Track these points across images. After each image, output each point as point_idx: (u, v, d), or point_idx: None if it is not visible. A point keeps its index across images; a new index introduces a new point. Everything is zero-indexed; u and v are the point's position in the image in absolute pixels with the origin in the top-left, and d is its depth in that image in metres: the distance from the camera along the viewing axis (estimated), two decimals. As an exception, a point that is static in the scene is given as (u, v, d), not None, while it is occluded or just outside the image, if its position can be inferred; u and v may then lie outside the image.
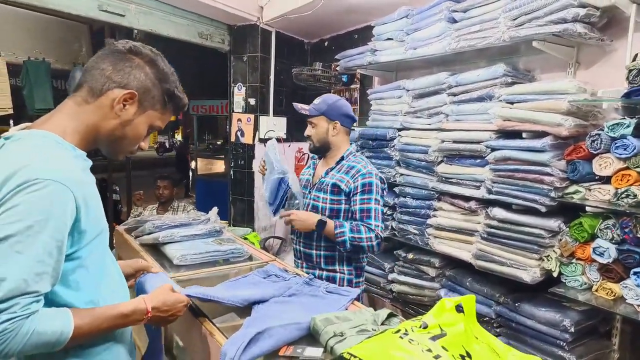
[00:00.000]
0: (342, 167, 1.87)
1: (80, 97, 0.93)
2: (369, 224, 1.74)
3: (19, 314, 0.75)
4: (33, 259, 0.77)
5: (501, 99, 2.03)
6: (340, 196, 1.82)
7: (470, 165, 2.17)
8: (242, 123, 3.78)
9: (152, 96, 0.98)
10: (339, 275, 1.86)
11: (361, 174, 1.80)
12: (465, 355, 0.89)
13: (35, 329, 0.77)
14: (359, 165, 1.83)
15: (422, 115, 2.47)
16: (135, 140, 1.00)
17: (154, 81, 0.97)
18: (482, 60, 2.38)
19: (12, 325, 0.74)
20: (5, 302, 0.74)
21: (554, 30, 1.81)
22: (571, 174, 1.83)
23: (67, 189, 0.81)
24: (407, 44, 2.50)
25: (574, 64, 2.07)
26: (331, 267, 1.87)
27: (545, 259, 1.90)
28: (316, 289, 1.54)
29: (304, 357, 1.11)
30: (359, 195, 1.78)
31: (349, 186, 1.80)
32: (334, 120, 1.86)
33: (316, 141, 1.89)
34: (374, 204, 1.77)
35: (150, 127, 1.01)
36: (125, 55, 0.95)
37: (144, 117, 0.98)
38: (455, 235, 2.26)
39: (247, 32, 3.65)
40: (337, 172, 1.86)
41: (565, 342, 1.80)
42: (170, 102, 1.02)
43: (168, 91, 1.00)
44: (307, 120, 1.92)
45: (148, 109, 0.98)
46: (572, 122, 1.79)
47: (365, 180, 1.78)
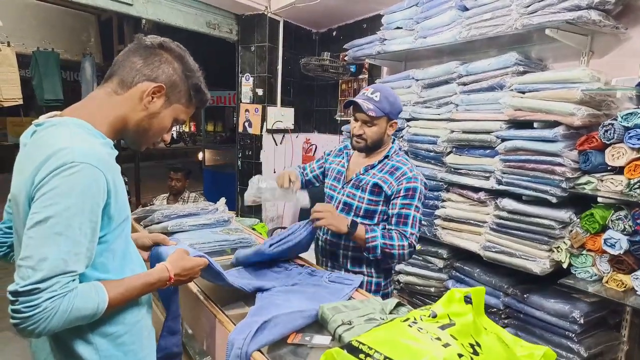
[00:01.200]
0: (384, 166, 1.71)
1: (111, 88, 0.97)
2: (404, 231, 1.62)
3: (59, 292, 0.79)
4: (71, 239, 0.81)
5: (512, 88, 2.00)
6: (380, 197, 1.68)
7: (480, 155, 2.15)
8: (250, 114, 3.77)
9: (179, 90, 1.02)
10: (366, 278, 1.71)
11: (407, 177, 1.65)
12: (475, 344, 0.88)
13: (74, 306, 0.81)
14: (405, 167, 1.68)
15: (432, 105, 2.45)
16: (160, 132, 1.04)
17: (182, 76, 1.01)
18: (493, 49, 2.35)
19: (52, 303, 0.78)
20: (47, 281, 0.77)
21: (567, 18, 1.77)
22: (583, 164, 1.80)
23: (101, 172, 0.85)
24: (416, 32, 2.47)
25: (587, 52, 2.03)
26: (358, 269, 1.73)
27: (555, 250, 1.89)
28: (319, 278, 1.54)
29: (312, 344, 1.11)
30: (400, 200, 1.64)
31: (392, 189, 1.65)
32: (394, 119, 1.70)
33: (371, 142, 1.69)
34: (413, 210, 1.63)
35: (175, 120, 1.06)
36: (155, 50, 0.99)
37: (170, 110, 1.02)
38: (463, 226, 2.25)
39: (255, 21, 3.63)
40: (379, 172, 1.70)
41: (574, 333, 1.79)
42: (196, 96, 1.06)
43: (195, 86, 1.04)
44: (358, 118, 1.68)
45: (174, 103, 1.02)
46: (585, 112, 1.76)
47: (410, 185, 1.64)
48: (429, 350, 0.81)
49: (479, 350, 0.86)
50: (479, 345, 0.88)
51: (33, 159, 0.85)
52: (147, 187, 5.73)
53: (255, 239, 1.87)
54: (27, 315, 0.76)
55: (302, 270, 1.59)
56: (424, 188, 1.67)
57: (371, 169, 1.72)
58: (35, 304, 0.76)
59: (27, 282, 0.76)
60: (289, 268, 1.61)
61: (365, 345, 0.84)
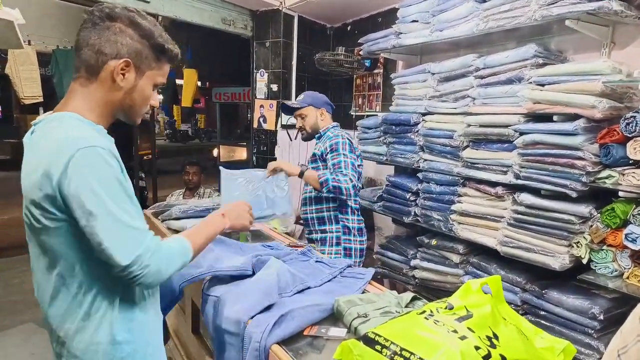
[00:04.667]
0: (322, 139, 2.30)
1: (82, 77, 0.98)
2: (340, 171, 2.08)
3: (152, 249, 0.93)
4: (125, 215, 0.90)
5: (531, 80, 1.96)
6: (317, 163, 2.25)
7: (497, 149, 2.12)
8: (265, 109, 3.79)
9: (145, 57, 1.00)
10: (328, 235, 2.27)
11: (329, 137, 2.22)
12: (492, 336, 0.88)
13: (167, 253, 0.97)
14: (329, 132, 2.29)
15: (448, 99, 2.42)
16: (145, 102, 1.05)
17: (141, 41, 0.98)
18: (511, 41, 2.31)
19: (151, 259, 0.92)
20: (140, 254, 0.91)
21: (588, 8, 1.73)
22: (604, 158, 1.76)
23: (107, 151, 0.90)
24: (432, 25, 2.44)
25: (608, 44, 1.98)
26: (322, 227, 2.29)
27: (574, 245, 1.85)
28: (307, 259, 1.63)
29: (328, 336, 1.12)
30: (329, 155, 2.16)
31: (320, 149, 2.22)
32: (320, 107, 2.31)
33: (309, 128, 2.32)
34: (342, 157, 2.12)
35: (154, 85, 1.06)
36: (106, 24, 0.96)
37: (145, 79, 1.02)
38: (480, 221, 2.22)
39: (270, 17, 3.64)
40: (317, 144, 2.31)
41: (593, 329, 1.76)
42: (163, 55, 1.04)
43: (157, 46, 1.01)
44: (295, 115, 2.35)
45: (146, 70, 1.01)
46: (606, 104, 1.72)
47: (333, 142, 2.17)
48: (445, 343, 0.81)
49: (497, 342, 0.85)
50: (497, 338, 0.87)
51: (39, 156, 0.89)
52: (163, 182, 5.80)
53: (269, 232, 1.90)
54: (143, 274, 0.90)
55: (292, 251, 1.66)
56: (346, 140, 2.17)
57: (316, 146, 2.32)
58: (143, 265, 0.90)
59: (130, 258, 0.89)
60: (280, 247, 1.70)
61: (382, 337, 0.85)
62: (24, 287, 3.50)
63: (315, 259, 1.63)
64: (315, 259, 1.63)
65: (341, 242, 2.26)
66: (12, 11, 1.48)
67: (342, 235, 2.26)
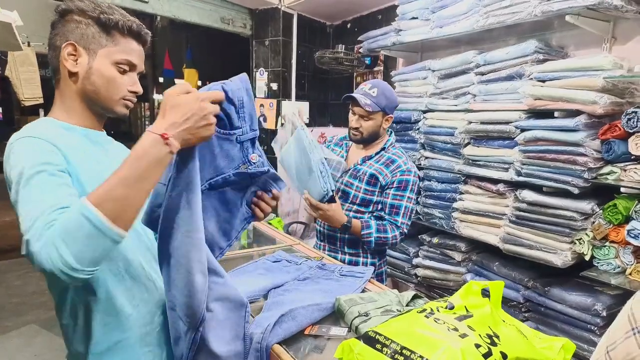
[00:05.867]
0: (381, 157, 1.85)
1: (55, 80, 0.99)
2: (395, 221, 1.77)
3: (53, 218, 0.72)
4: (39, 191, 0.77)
5: (532, 77, 1.95)
6: (376, 187, 1.81)
7: (498, 146, 2.11)
8: (265, 108, 3.78)
9: (92, 36, 0.94)
10: (362, 259, 1.87)
11: (401, 170, 1.79)
12: (492, 335, 0.87)
13: (62, 225, 0.71)
14: (400, 160, 1.82)
15: (448, 97, 2.41)
16: (110, 85, 0.96)
17: (82, 20, 0.94)
18: (511, 37, 2.29)
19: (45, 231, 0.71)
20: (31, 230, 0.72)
21: (588, 3, 1.71)
22: (606, 154, 1.75)
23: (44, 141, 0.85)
24: (432, 22, 2.43)
25: (609, 39, 1.97)
26: (354, 250, 1.87)
27: (576, 242, 1.85)
28: (330, 273, 1.55)
29: (329, 336, 1.11)
30: (393, 190, 1.78)
31: (387, 180, 1.79)
32: (390, 114, 1.84)
33: (367, 134, 1.83)
34: (405, 201, 1.78)
35: (115, 64, 0.96)
36: (59, 21, 0.95)
37: (100, 58, 0.95)
38: (482, 218, 2.22)
39: (269, 15, 3.63)
40: (376, 163, 1.83)
41: (596, 326, 1.76)
42: (114, 30, 0.95)
43: (98, 21, 0.94)
44: (356, 111, 1.82)
45: (98, 50, 0.94)
46: (607, 100, 1.71)
47: (404, 177, 1.78)
48: (446, 341, 0.80)
49: (497, 341, 0.85)
50: (497, 336, 0.87)
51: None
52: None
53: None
54: (33, 250, 0.70)
55: (312, 264, 1.60)
56: (417, 179, 1.83)
57: (368, 160, 1.85)
58: (36, 237, 0.70)
59: (25, 229, 0.73)
60: (298, 262, 1.62)
61: (382, 336, 0.84)
62: (26, 289, 3.50)
63: (338, 272, 1.56)
64: (338, 272, 1.56)
65: (375, 268, 1.86)
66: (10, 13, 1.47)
67: (377, 261, 1.90)
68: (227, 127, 0.93)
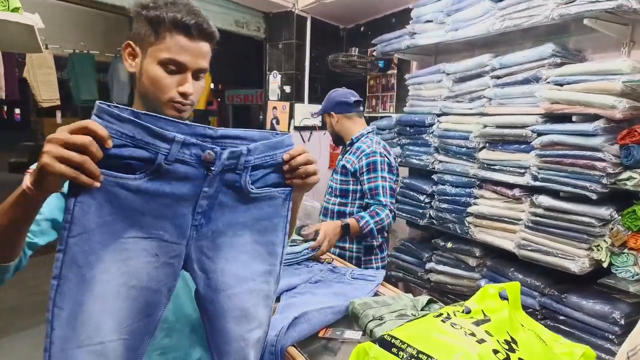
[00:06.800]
0: (352, 149, 2.02)
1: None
2: (379, 201, 1.87)
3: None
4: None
5: (549, 80, 1.93)
6: (348, 177, 1.98)
7: (514, 151, 2.09)
8: (278, 111, 3.79)
9: (143, 34, 0.90)
10: (347, 253, 2.00)
11: (365, 153, 1.93)
12: (510, 341, 0.86)
13: None
14: (364, 145, 1.96)
15: (463, 100, 2.40)
16: (155, 85, 0.90)
17: (139, 17, 0.90)
18: (528, 40, 2.27)
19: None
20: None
21: (607, 7, 1.69)
22: (625, 159, 1.72)
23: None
24: (447, 25, 2.41)
25: (628, 43, 1.94)
26: (342, 244, 2.01)
27: (594, 248, 1.81)
28: (341, 276, 1.55)
29: (343, 339, 1.11)
30: (365, 175, 1.91)
31: (354, 166, 1.95)
32: (329, 112, 2.09)
33: (332, 136, 2.16)
34: (380, 181, 1.89)
35: (160, 63, 0.89)
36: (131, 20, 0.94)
37: (148, 57, 0.90)
38: (497, 223, 2.19)
39: (283, 19, 3.64)
40: (348, 154, 2.02)
41: (614, 335, 1.72)
42: (160, 26, 0.88)
43: (146, 17, 0.89)
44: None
45: (148, 48, 0.90)
46: (627, 104, 1.68)
47: (370, 160, 1.91)
48: (463, 346, 0.79)
49: (515, 347, 0.83)
50: (515, 342, 0.85)
51: None
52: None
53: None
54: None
55: (324, 267, 1.61)
56: (384, 159, 1.91)
57: (344, 154, 2.07)
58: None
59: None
60: (309, 265, 1.63)
61: (398, 340, 0.83)
62: (41, 288, 3.55)
63: (350, 275, 1.57)
64: (350, 275, 1.57)
65: (361, 264, 1.98)
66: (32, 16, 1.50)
67: (363, 257, 2.00)
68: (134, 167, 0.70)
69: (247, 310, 0.83)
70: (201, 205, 0.76)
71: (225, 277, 0.81)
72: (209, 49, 0.95)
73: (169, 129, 0.71)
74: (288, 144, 0.84)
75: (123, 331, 0.72)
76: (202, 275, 0.79)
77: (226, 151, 0.76)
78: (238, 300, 0.82)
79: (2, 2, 1.48)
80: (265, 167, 0.82)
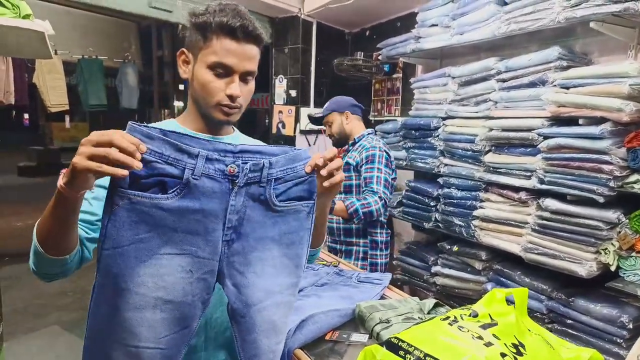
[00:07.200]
0: (355, 147, 2.19)
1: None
2: (371, 188, 1.99)
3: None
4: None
5: (555, 83, 1.93)
6: (350, 172, 2.11)
7: (520, 154, 2.08)
8: (283, 115, 3.81)
9: (195, 40, 0.93)
10: (354, 247, 2.15)
11: (365, 148, 2.10)
12: (518, 344, 0.86)
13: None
14: (365, 142, 2.15)
15: (469, 103, 2.40)
16: (205, 89, 0.92)
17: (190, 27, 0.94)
18: (533, 44, 2.27)
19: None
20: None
21: (613, 10, 1.69)
22: (632, 162, 1.71)
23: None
24: (453, 29, 2.42)
25: (635, 45, 1.93)
26: (349, 239, 2.16)
27: (602, 252, 1.80)
28: (347, 279, 1.55)
29: (349, 342, 1.11)
30: (364, 167, 2.06)
31: (356, 160, 2.10)
32: (344, 111, 2.22)
33: (337, 135, 2.25)
34: (376, 172, 2.03)
35: (209, 67, 0.91)
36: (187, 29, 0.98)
37: (199, 62, 0.93)
38: (503, 227, 2.18)
39: (289, 24, 3.67)
40: (351, 152, 2.19)
41: (622, 339, 1.71)
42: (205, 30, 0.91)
43: (194, 24, 0.92)
44: (324, 123, 2.30)
45: (198, 54, 0.93)
46: (633, 107, 1.67)
47: (369, 153, 2.07)
48: (471, 349, 0.79)
49: (523, 350, 0.83)
50: (523, 346, 0.86)
51: None
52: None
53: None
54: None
55: (330, 270, 1.61)
56: (383, 153, 2.08)
57: (346, 154, 2.21)
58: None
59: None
60: (315, 268, 1.63)
61: (405, 343, 0.84)
62: (48, 291, 3.58)
63: (356, 278, 1.59)
64: (356, 278, 1.59)
65: (368, 257, 2.14)
66: (43, 23, 1.52)
67: (370, 250, 2.15)
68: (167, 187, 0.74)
69: (275, 324, 0.86)
70: (230, 220, 0.79)
71: (256, 292, 0.83)
72: (257, 52, 0.96)
73: (193, 145, 0.76)
74: (306, 157, 0.87)
75: (160, 342, 0.77)
76: (234, 290, 0.82)
77: (249, 164, 0.80)
78: (267, 314, 0.84)
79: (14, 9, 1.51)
80: (287, 180, 0.84)
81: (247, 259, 0.82)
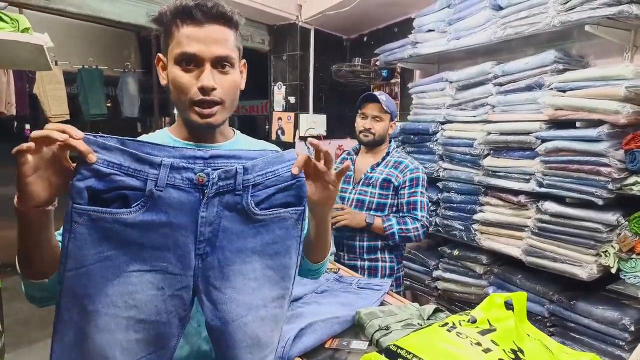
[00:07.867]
0: (388, 162, 2.01)
1: None
2: (414, 215, 1.90)
3: None
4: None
5: (552, 87, 1.93)
6: (389, 190, 1.96)
7: (518, 157, 2.09)
8: (283, 121, 3.82)
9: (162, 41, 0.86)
10: (380, 264, 1.98)
11: (409, 169, 1.96)
12: (517, 350, 0.86)
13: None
14: (407, 160, 2.00)
15: (467, 108, 2.40)
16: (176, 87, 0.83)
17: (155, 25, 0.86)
18: (530, 47, 2.28)
19: None
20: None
21: (608, 13, 1.70)
22: (630, 164, 1.71)
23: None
24: (449, 34, 2.43)
25: (630, 48, 1.94)
26: (373, 255, 1.98)
27: (602, 254, 1.80)
28: (347, 285, 1.55)
29: (349, 349, 1.11)
30: (406, 190, 1.94)
31: (399, 180, 1.95)
32: (394, 121, 2.05)
33: (378, 136, 1.99)
34: (419, 196, 1.93)
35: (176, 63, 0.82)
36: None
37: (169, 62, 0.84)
38: (503, 230, 2.18)
39: (287, 31, 3.69)
40: (385, 167, 1.99)
41: (624, 341, 1.70)
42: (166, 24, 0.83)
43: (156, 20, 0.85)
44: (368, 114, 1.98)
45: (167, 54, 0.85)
46: (630, 109, 1.68)
47: (414, 175, 1.95)
48: (469, 356, 0.80)
49: (522, 356, 0.84)
50: (522, 352, 0.86)
51: None
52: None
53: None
54: None
55: (330, 277, 1.61)
56: (424, 175, 1.99)
57: (377, 166, 2.01)
58: None
59: None
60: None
61: (404, 350, 0.84)
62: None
63: (356, 285, 1.58)
64: (356, 285, 1.58)
65: (394, 273, 2.01)
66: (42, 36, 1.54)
67: (396, 265, 2.02)
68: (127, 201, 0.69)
69: (259, 338, 0.79)
70: (202, 232, 0.72)
71: (234, 307, 0.76)
72: (227, 33, 0.83)
73: (155, 153, 0.69)
74: (289, 158, 0.79)
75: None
76: (210, 306, 0.75)
77: (218, 171, 0.72)
78: (249, 330, 0.78)
79: (12, 23, 1.52)
80: (268, 185, 0.76)
81: (223, 273, 0.75)
